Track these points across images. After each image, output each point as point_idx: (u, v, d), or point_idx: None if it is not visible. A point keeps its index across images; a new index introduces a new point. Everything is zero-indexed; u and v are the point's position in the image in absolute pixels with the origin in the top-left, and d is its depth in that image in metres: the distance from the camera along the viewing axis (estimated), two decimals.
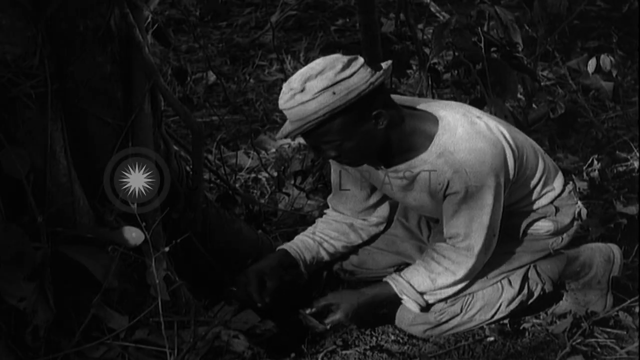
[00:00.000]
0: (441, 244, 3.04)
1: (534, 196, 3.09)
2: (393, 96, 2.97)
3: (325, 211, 3.31)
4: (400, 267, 3.24)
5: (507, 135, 2.95)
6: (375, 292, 3.06)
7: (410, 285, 3.03)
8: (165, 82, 3.19)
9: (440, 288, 3.04)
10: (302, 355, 3.04)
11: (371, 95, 2.79)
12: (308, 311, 3.02)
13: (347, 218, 3.25)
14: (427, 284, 3.03)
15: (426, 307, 3.07)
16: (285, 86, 2.82)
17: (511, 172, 2.94)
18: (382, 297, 3.07)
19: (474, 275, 3.05)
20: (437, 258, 3.02)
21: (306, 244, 3.22)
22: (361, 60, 2.82)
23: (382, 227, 3.27)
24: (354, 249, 3.28)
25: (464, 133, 2.88)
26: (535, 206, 3.11)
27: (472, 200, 2.90)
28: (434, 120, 2.93)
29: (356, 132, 2.83)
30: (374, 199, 3.21)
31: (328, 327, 3.02)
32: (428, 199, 2.99)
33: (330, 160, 3.09)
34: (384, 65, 2.85)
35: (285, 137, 2.85)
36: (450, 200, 2.93)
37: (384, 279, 3.08)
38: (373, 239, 3.29)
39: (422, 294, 3.03)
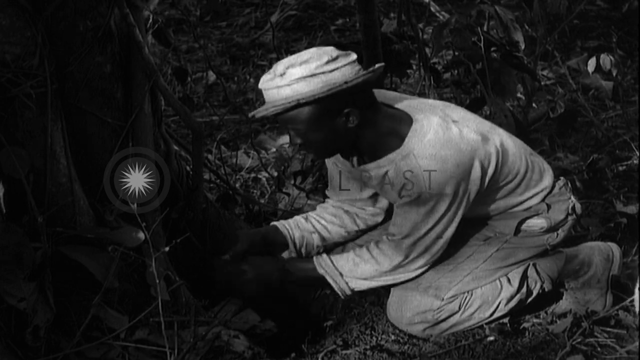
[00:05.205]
0: (383, 236, 3.08)
1: (518, 198, 3.08)
2: (377, 91, 2.98)
3: (325, 200, 3.34)
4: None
5: (480, 145, 2.93)
6: (299, 267, 3.15)
7: (332, 262, 3.08)
8: (165, 82, 3.19)
9: (364, 276, 3.06)
10: (302, 355, 3.05)
11: (345, 93, 2.81)
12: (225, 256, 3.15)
13: (344, 205, 3.26)
14: (348, 267, 3.07)
15: (351, 294, 3.11)
16: (273, 66, 2.86)
17: (476, 182, 2.93)
18: (303, 273, 3.13)
19: (402, 271, 3.05)
20: (370, 247, 3.07)
21: (298, 222, 3.27)
22: (352, 57, 2.84)
23: (379, 219, 3.28)
24: (349, 238, 3.29)
25: (432, 139, 2.89)
26: (525, 206, 3.10)
27: (423, 206, 2.92)
28: (409, 121, 2.94)
29: (323, 126, 2.87)
30: (367, 193, 3.21)
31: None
32: (398, 198, 3.00)
33: None
34: (376, 66, 2.87)
35: (255, 116, 2.89)
36: (401, 200, 2.96)
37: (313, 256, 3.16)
38: (370, 229, 3.29)
39: (342, 275, 3.07)
